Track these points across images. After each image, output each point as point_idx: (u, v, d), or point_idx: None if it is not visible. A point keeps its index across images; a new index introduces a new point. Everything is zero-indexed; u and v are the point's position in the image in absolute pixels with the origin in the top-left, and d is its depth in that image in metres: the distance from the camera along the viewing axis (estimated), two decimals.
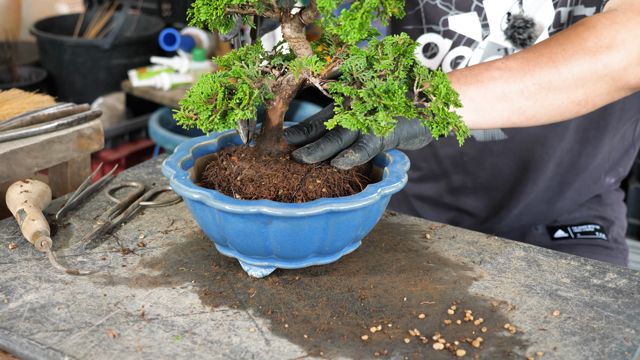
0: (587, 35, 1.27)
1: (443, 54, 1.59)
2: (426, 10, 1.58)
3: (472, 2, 1.53)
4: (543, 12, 1.48)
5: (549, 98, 1.27)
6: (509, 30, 1.50)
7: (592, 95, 1.28)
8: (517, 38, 1.49)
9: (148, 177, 1.49)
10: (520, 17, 1.48)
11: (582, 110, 1.30)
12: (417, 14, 1.60)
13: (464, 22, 1.55)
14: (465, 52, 1.56)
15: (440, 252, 1.23)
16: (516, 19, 1.48)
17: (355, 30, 0.98)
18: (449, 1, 1.56)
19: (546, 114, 1.28)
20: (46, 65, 3.78)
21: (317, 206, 1.03)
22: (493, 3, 1.52)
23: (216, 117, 1.05)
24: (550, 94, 1.26)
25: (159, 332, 1.01)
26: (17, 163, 1.37)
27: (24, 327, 1.01)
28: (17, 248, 1.21)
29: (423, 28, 1.60)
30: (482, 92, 1.25)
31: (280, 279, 1.14)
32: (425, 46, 1.61)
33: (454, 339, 1.01)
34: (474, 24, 1.54)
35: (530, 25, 1.48)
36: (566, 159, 1.62)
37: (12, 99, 1.52)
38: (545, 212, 1.67)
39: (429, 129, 1.19)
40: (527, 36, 1.49)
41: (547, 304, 1.09)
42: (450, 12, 1.56)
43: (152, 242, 1.24)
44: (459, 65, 1.57)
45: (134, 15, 3.95)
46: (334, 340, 1.00)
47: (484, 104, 1.25)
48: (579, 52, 1.26)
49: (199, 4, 1.09)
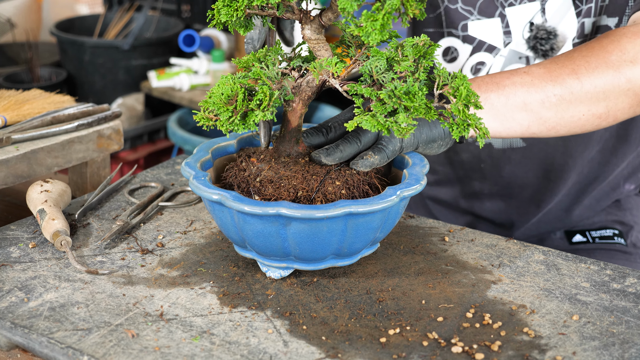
0: (611, 49, 1.26)
1: (463, 59, 1.58)
2: (446, 14, 1.58)
3: (496, 8, 1.52)
4: (566, 23, 1.47)
5: (570, 110, 1.26)
6: (531, 40, 1.49)
7: (614, 109, 1.27)
8: (539, 49, 1.48)
9: (167, 177, 1.49)
10: (543, 27, 1.47)
11: (603, 123, 1.29)
12: (437, 17, 1.60)
13: (485, 27, 1.54)
14: (486, 58, 1.55)
15: (459, 255, 1.23)
16: (539, 30, 1.47)
17: (377, 31, 0.98)
18: (471, 6, 1.55)
19: (566, 125, 1.28)
20: (66, 65, 3.80)
21: (336, 208, 1.03)
22: (515, 11, 1.51)
23: (236, 118, 1.05)
24: (572, 106, 1.25)
25: (177, 333, 1.01)
26: (38, 163, 1.38)
27: (44, 326, 1.02)
28: (37, 247, 1.22)
29: (443, 32, 1.59)
30: (502, 100, 1.24)
31: (299, 281, 1.14)
32: (445, 50, 1.60)
33: (473, 342, 1.01)
34: (496, 30, 1.53)
35: (553, 37, 1.47)
36: (587, 168, 1.61)
37: (32, 99, 1.53)
38: (563, 219, 1.66)
39: (448, 133, 1.19)
40: (549, 47, 1.48)
41: (567, 308, 1.09)
42: (471, 17, 1.55)
43: (170, 242, 1.25)
44: (480, 71, 1.56)
45: (153, 16, 3.97)
46: (352, 342, 1.00)
47: (504, 111, 1.25)
48: (602, 65, 1.25)
49: (220, 5, 1.09)
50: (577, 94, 1.25)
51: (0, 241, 1.23)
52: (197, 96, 3.46)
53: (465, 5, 1.55)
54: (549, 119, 1.26)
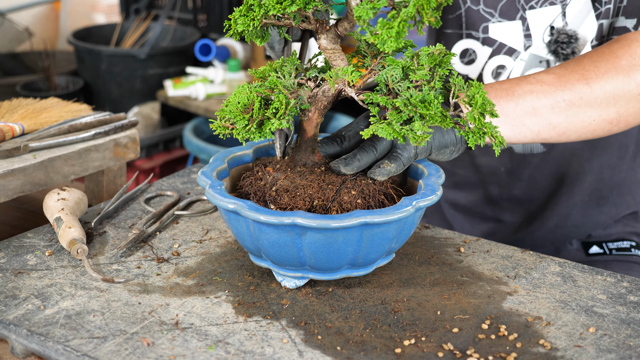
0: (621, 54, 1.26)
1: (482, 62, 1.58)
2: (467, 15, 1.58)
3: (517, 10, 1.52)
4: (587, 25, 1.47)
5: (580, 115, 1.26)
6: (552, 44, 1.49)
7: (625, 114, 1.27)
8: (561, 53, 1.48)
9: (183, 186, 1.50)
10: (564, 31, 1.47)
11: (614, 128, 1.29)
12: (457, 18, 1.59)
13: (507, 30, 1.54)
14: (507, 61, 1.55)
15: (475, 266, 1.22)
16: (560, 34, 1.47)
17: (392, 39, 0.98)
18: (492, 8, 1.55)
19: (577, 130, 1.28)
20: (83, 74, 3.82)
21: (352, 218, 1.03)
22: (536, 14, 1.51)
23: (253, 126, 1.05)
24: (581, 111, 1.25)
25: (192, 341, 1.01)
26: (55, 171, 1.39)
27: (60, 334, 1.02)
28: (54, 255, 1.22)
29: (462, 33, 1.59)
30: (512, 105, 1.24)
31: (314, 290, 1.14)
32: (463, 52, 1.60)
33: (488, 354, 1.00)
34: (517, 32, 1.53)
35: (574, 40, 1.47)
36: (606, 174, 1.60)
37: (50, 107, 1.54)
38: (580, 225, 1.65)
39: (460, 139, 1.19)
40: (570, 51, 1.47)
41: (583, 320, 1.08)
42: (492, 19, 1.55)
43: (186, 251, 1.25)
44: (501, 75, 1.56)
45: (170, 26, 3.99)
46: (367, 353, 1.00)
47: (514, 117, 1.25)
48: (611, 69, 1.25)
49: (236, 15, 1.10)
50: (587, 99, 1.25)
51: (17, 249, 1.24)
52: (213, 105, 3.47)
53: (487, 7, 1.55)
54: (559, 124, 1.26)
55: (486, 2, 1.55)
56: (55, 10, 4.55)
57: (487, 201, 1.70)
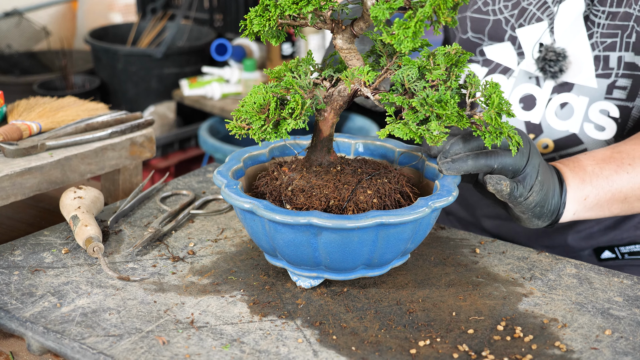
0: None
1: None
2: (461, 45, 1.59)
3: (505, 32, 1.53)
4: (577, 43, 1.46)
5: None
6: (540, 61, 1.49)
7: None
8: (548, 71, 1.48)
9: (198, 185, 1.50)
10: (552, 49, 1.47)
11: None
12: None
13: (499, 51, 1.55)
14: (501, 79, 1.55)
15: (490, 267, 1.22)
16: (548, 51, 1.47)
17: (409, 39, 0.98)
18: (480, 33, 1.56)
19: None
20: (100, 73, 3.84)
21: (367, 218, 1.03)
22: (526, 31, 1.51)
23: (269, 126, 1.05)
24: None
25: (207, 340, 1.02)
26: (71, 169, 1.39)
27: (76, 332, 1.03)
28: (70, 253, 1.23)
29: None
30: (608, 195, 1.27)
31: (329, 290, 1.14)
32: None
33: (503, 356, 1.00)
34: (509, 52, 1.54)
35: (562, 58, 1.47)
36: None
37: (67, 106, 1.55)
38: (595, 234, 1.63)
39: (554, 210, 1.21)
40: (558, 69, 1.47)
41: (599, 323, 1.07)
42: (484, 43, 1.56)
43: (201, 250, 1.25)
44: None
45: (186, 25, 4.00)
46: (382, 353, 1.00)
47: (605, 205, 1.28)
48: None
49: (252, 15, 1.10)
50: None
51: (34, 246, 1.25)
52: (228, 105, 3.47)
53: (475, 33, 1.56)
54: (638, 208, 1.31)
55: (473, 28, 1.56)
56: (72, 10, 4.57)
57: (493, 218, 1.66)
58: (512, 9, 1.53)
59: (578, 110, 1.47)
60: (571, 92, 1.47)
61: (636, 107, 1.44)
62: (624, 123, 1.45)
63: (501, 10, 1.54)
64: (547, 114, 1.49)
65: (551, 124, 1.49)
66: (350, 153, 1.27)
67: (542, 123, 1.50)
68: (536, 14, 1.50)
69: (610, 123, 1.45)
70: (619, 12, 1.42)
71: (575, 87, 1.47)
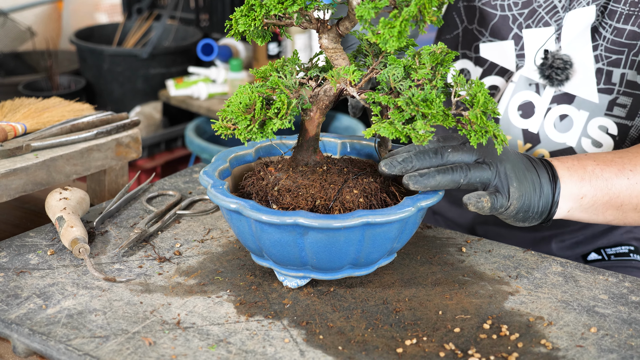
0: None
1: None
2: (463, 35, 1.57)
3: (511, 29, 1.51)
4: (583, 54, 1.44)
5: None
6: (546, 69, 1.47)
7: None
8: (555, 78, 1.46)
9: (185, 186, 1.50)
10: (559, 56, 1.45)
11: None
12: (454, 38, 1.59)
13: (497, 50, 1.52)
14: (498, 82, 1.53)
15: (476, 266, 1.22)
16: (555, 58, 1.45)
17: (394, 38, 0.98)
18: (483, 27, 1.53)
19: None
20: (85, 73, 3.83)
21: (353, 218, 1.03)
22: (532, 33, 1.49)
23: (254, 126, 1.05)
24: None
25: (194, 341, 1.01)
26: (57, 170, 1.39)
27: (62, 333, 1.02)
28: (56, 254, 1.22)
29: (458, 53, 1.59)
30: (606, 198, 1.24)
31: (315, 290, 1.14)
32: (460, 71, 1.59)
33: (490, 354, 1.00)
34: (509, 52, 1.51)
35: (569, 66, 1.45)
36: None
37: (52, 107, 1.54)
38: (583, 240, 1.63)
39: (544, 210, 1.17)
40: (565, 77, 1.46)
41: (585, 321, 1.08)
42: (483, 38, 1.54)
43: (188, 250, 1.25)
44: (493, 96, 1.53)
45: (172, 25, 3.99)
46: (369, 353, 1.00)
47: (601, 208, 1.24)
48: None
49: (237, 15, 1.10)
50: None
51: (19, 248, 1.24)
52: (215, 105, 3.47)
53: (479, 26, 1.54)
54: (633, 219, 1.27)
55: (479, 20, 1.54)
56: (57, 10, 4.56)
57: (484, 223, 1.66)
58: (523, 7, 1.50)
59: (577, 123, 1.46)
60: (572, 104, 1.46)
61: (635, 127, 1.43)
62: (621, 141, 1.44)
63: (510, 7, 1.52)
64: (546, 124, 1.48)
65: (549, 135, 1.48)
66: (336, 152, 1.28)
67: (540, 133, 1.48)
68: (545, 17, 1.48)
69: (607, 140, 1.44)
70: (626, 29, 1.41)
71: (577, 100, 1.45)
